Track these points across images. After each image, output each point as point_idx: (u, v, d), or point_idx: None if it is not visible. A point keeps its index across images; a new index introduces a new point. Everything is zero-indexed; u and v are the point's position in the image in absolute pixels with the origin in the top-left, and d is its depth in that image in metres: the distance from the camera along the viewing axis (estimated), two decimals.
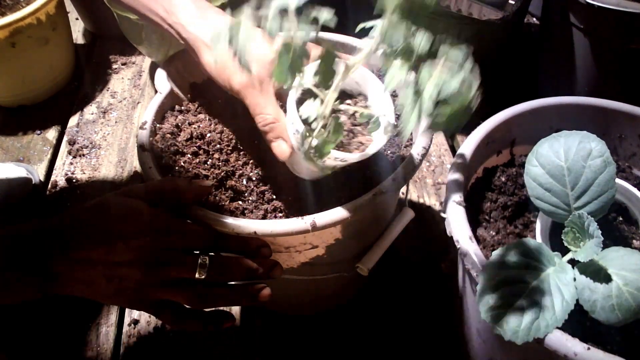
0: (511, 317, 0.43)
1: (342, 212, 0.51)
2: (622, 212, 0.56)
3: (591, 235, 0.45)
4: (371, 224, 0.61)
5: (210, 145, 0.61)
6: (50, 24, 1.08)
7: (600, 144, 0.50)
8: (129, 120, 1.12)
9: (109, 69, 1.25)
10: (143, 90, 1.19)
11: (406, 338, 0.74)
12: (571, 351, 0.42)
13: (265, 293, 0.52)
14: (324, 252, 0.59)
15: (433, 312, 0.76)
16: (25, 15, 1.00)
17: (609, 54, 0.85)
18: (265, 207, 0.58)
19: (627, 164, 0.63)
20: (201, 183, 0.53)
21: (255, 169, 0.61)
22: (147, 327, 0.77)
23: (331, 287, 0.70)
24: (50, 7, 1.06)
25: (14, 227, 0.48)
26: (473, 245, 0.50)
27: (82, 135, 1.09)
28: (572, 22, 0.85)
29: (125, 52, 1.29)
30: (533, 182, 0.51)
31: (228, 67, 0.57)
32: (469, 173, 0.59)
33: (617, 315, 0.42)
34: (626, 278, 0.43)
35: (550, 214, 0.51)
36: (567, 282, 0.44)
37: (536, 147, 0.52)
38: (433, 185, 0.95)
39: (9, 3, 1.06)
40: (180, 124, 0.64)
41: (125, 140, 1.07)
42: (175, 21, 0.60)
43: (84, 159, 1.04)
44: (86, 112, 1.14)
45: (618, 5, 0.76)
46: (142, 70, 1.25)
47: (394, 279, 0.80)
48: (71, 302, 0.81)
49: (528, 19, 1.28)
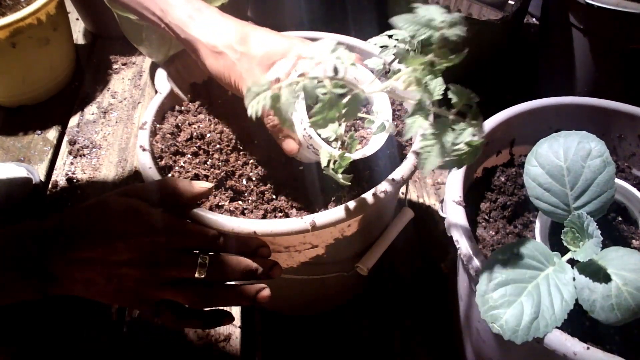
0: (511, 316, 0.43)
1: (342, 212, 0.51)
2: (621, 212, 0.56)
3: (590, 235, 0.45)
4: (371, 223, 0.61)
5: (210, 146, 0.61)
6: (51, 24, 1.08)
7: (599, 144, 0.50)
8: (130, 120, 1.12)
9: (109, 69, 1.25)
10: (143, 91, 1.19)
11: (406, 338, 0.74)
12: (570, 351, 0.42)
13: (265, 294, 0.52)
14: (324, 252, 0.59)
15: (433, 312, 0.76)
16: (26, 15, 1.00)
17: (609, 54, 0.85)
18: (265, 207, 0.58)
19: (627, 164, 0.63)
20: (201, 185, 0.53)
21: (255, 169, 0.61)
22: (147, 326, 0.77)
23: (331, 287, 0.70)
24: (51, 7, 1.06)
25: (13, 227, 0.48)
26: (472, 245, 0.50)
27: (83, 135, 1.09)
28: (572, 22, 0.85)
29: (125, 53, 1.29)
30: (532, 182, 0.51)
31: (235, 70, 0.57)
32: (469, 173, 0.59)
33: (616, 315, 0.42)
34: (625, 278, 0.43)
35: (549, 214, 0.51)
36: (566, 282, 0.44)
37: (535, 147, 0.52)
38: (433, 185, 0.95)
39: (9, 3, 1.06)
40: (180, 124, 0.64)
41: (125, 141, 1.07)
42: (172, 21, 0.60)
43: (84, 159, 1.04)
44: (87, 112, 1.14)
45: (618, 5, 0.76)
46: (142, 70, 1.25)
47: (394, 279, 0.80)
48: (71, 301, 0.82)
49: (528, 19, 1.28)
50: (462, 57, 0.39)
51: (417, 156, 0.55)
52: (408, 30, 0.39)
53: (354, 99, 0.40)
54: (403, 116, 0.67)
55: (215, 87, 0.70)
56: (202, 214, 0.52)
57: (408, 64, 0.41)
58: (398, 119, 0.67)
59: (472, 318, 0.56)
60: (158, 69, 0.69)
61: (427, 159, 0.40)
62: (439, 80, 0.41)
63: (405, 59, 0.41)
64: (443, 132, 0.40)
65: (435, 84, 0.41)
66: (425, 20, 0.39)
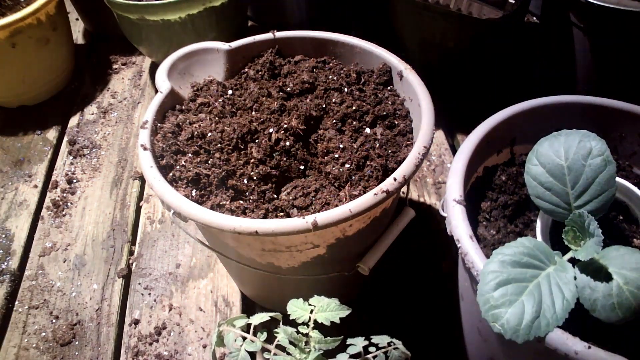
0: (512, 315, 0.43)
1: (344, 212, 0.51)
2: (622, 210, 0.56)
3: (591, 234, 0.45)
4: (372, 223, 0.61)
5: (211, 145, 0.61)
6: (51, 25, 1.08)
7: (600, 142, 0.50)
8: (130, 120, 1.12)
9: (109, 69, 1.25)
10: (143, 90, 1.19)
11: (406, 337, 0.74)
12: (572, 350, 0.42)
13: None
14: (325, 252, 0.59)
15: (433, 311, 0.76)
16: (26, 15, 1.00)
17: (609, 52, 0.85)
18: (266, 207, 0.58)
19: (628, 163, 0.63)
20: None
21: (256, 168, 0.61)
22: (147, 326, 0.77)
23: (332, 286, 0.70)
24: (51, 7, 1.06)
25: None
26: (473, 244, 0.50)
27: (83, 135, 1.09)
28: (572, 21, 0.85)
29: (125, 52, 1.29)
30: (533, 181, 0.51)
31: None
32: (469, 172, 0.59)
33: (617, 314, 0.42)
34: (627, 277, 0.43)
35: (550, 213, 0.51)
36: (567, 281, 0.44)
37: (536, 146, 0.52)
38: (433, 185, 0.95)
39: (9, 3, 1.06)
40: (181, 123, 0.64)
41: (125, 140, 1.07)
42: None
43: (84, 159, 1.04)
44: (86, 112, 1.14)
45: (618, 4, 0.76)
46: (142, 70, 1.25)
47: (395, 279, 0.80)
48: (71, 301, 0.81)
49: (528, 18, 1.28)
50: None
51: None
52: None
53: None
54: (404, 115, 0.67)
55: (216, 87, 0.70)
56: (203, 214, 0.52)
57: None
58: (399, 118, 0.67)
59: (473, 317, 0.56)
60: (159, 68, 0.69)
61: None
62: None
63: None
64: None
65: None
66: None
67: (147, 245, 0.88)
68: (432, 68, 1.06)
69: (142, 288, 0.82)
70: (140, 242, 0.89)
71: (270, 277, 0.64)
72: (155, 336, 0.76)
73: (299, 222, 0.50)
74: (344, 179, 0.60)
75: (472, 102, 1.07)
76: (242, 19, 1.20)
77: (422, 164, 0.56)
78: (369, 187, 0.58)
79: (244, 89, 0.71)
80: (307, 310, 0.49)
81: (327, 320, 0.48)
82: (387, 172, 0.60)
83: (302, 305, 0.50)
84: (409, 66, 0.69)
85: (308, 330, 0.48)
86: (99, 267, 0.86)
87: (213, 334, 0.50)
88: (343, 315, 0.49)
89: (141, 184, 0.99)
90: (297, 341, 0.47)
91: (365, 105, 0.67)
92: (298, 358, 0.46)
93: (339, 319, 0.49)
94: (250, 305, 0.80)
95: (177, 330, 0.76)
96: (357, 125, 0.65)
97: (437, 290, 0.79)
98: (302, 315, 0.49)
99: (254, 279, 0.71)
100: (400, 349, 0.50)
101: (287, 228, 0.51)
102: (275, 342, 0.48)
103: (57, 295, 0.82)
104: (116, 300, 0.81)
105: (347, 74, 0.71)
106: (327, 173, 0.61)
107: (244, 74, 0.74)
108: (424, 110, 0.62)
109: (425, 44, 1.04)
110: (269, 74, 0.73)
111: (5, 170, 1.03)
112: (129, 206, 0.95)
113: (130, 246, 0.89)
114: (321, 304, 0.49)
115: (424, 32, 1.02)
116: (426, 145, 0.57)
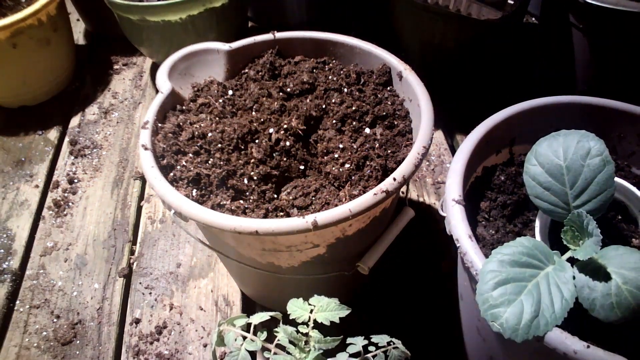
0: (511, 315, 0.43)
1: (343, 211, 0.51)
2: (621, 210, 0.56)
3: (590, 233, 0.45)
4: (372, 223, 0.62)
5: (212, 145, 0.62)
6: (52, 25, 1.08)
7: (599, 142, 0.50)
8: (130, 120, 1.12)
9: (110, 70, 1.26)
10: (144, 91, 1.19)
11: (406, 337, 0.74)
12: (571, 349, 0.42)
13: None
14: (325, 251, 0.59)
15: (433, 311, 0.76)
16: (27, 16, 1.00)
17: (608, 53, 0.85)
18: (266, 207, 0.58)
19: (626, 163, 0.63)
20: None
21: (256, 168, 0.61)
22: (148, 325, 0.77)
23: (332, 286, 0.70)
24: (51, 8, 1.06)
25: None
26: (473, 244, 0.50)
27: (84, 135, 1.09)
28: (572, 22, 0.85)
29: (126, 53, 1.29)
30: (532, 180, 0.51)
31: None
32: (469, 172, 0.59)
33: (616, 314, 0.42)
34: (625, 276, 0.43)
35: (549, 213, 0.51)
36: (566, 281, 0.45)
37: (535, 146, 0.53)
38: (433, 185, 0.95)
39: (10, 4, 1.06)
40: (181, 124, 0.64)
41: (126, 141, 1.07)
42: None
43: (85, 159, 1.04)
44: (87, 113, 1.14)
45: (617, 4, 0.76)
46: (143, 70, 1.25)
47: (394, 278, 0.80)
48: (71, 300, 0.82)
49: (527, 18, 1.28)
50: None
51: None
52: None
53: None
54: (403, 116, 0.67)
55: (216, 87, 0.70)
56: (203, 214, 0.52)
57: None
58: (398, 118, 0.67)
59: (472, 317, 0.56)
60: (159, 68, 0.69)
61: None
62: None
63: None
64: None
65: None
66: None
67: (148, 245, 0.89)
68: (431, 68, 1.06)
69: (143, 287, 0.82)
70: (141, 242, 0.89)
71: (271, 276, 0.64)
72: (156, 335, 0.76)
73: (299, 222, 0.51)
74: (344, 179, 0.60)
75: (471, 102, 1.08)
76: (242, 19, 1.20)
77: (421, 164, 0.56)
78: (369, 187, 0.58)
79: (244, 89, 0.71)
80: (307, 310, 0.49)
81: (327, 320, 0.48)
82: (387, 172, 0.60)
83: (302, 305, 0.50)
84: (409, 67, 0.69)
85: (308, 330, 0.48)
86: (100, 267, 0.86)
87: (213, 333, 0.50)
88: (343, 314, 0.49)
89: (142, 184, 0.99)
90: (297, 340, 0.47)
91: (365, 105, 0.67)
92: (298, 357, 0.46)
93: (338, 318, 0.49)
94: (251, 305, 0.80)
95: (177, 330, 0.77)
96: (357, 126, 0.65)
97: (437, 290, 0.79)
98: (302, 314, 0.49)
99: (254, 278, 0.71)
100: (400, 349, 0.50)
101: (287, 228, 0.51)
102: (275, 342, 0.48)
103: (58, 294, 0.82)
104: (117, 299, 0.81)
105: (347, 74, 0.71)
106: (327, 173, 0.61)
107: (244, 75, 0.74)
108: (424, 110, 0.62)
109: (424, 45, 1.05)
110: (269, 75, 0.73)
111: (7, 170, 1.03)
112: (130, 206, 0.95)
113: (131, 246, 0.89)
114: (321, 304, 0.50)
115: (424, 33, 1.02)
116: (425, 145, 0.58)
